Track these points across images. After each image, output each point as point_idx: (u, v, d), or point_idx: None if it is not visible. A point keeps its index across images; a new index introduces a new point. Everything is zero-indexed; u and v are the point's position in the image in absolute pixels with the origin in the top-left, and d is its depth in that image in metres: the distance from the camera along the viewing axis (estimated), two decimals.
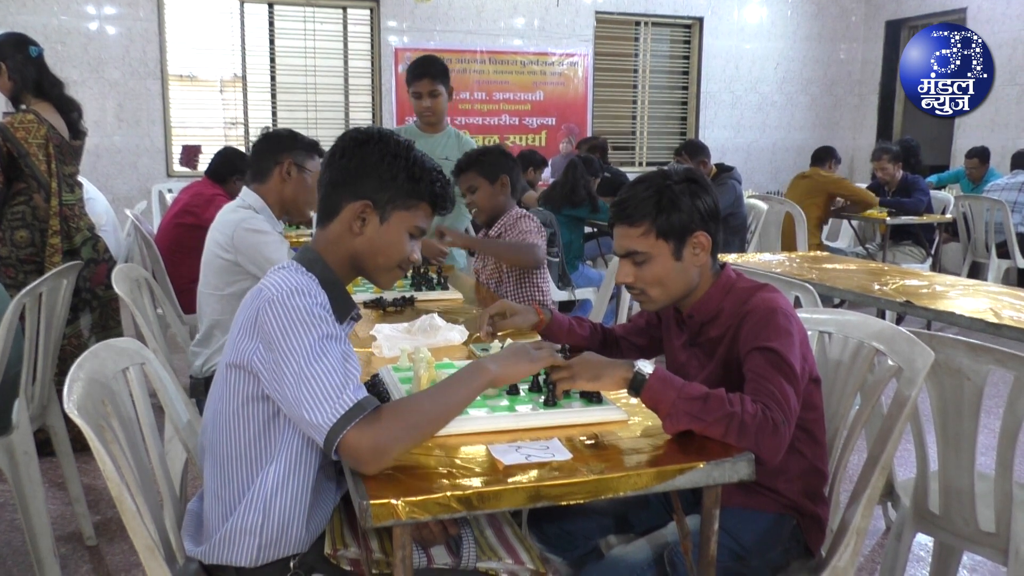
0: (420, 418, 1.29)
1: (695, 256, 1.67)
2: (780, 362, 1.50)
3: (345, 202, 1.46)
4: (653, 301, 1.71)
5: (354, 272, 1.52)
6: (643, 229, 1.65)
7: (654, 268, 1.66)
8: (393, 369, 1.79)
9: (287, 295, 1.32)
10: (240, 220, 2.47)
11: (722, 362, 1.67)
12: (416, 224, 1.49)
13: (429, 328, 2.17)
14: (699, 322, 1.73)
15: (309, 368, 1.26)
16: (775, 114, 9.24)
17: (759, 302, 1.61)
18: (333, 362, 1.28)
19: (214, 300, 2.55)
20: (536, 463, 1.31)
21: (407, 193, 1.46)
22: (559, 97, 8.32)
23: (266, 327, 1.31)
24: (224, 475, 1.43)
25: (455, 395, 1.35)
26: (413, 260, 1.51)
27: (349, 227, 1.47)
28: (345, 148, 1.47)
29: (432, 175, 1.48)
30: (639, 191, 1.67)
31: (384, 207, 1.46)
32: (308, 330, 1.29)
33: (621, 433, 1.47)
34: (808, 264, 3.75)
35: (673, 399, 1.42)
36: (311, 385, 1.25)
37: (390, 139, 1.47)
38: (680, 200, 1.64)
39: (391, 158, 1.45)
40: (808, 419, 1.64)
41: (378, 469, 1.24)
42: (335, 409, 1.24)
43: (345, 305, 1.49)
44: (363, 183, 1.45)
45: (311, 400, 1.25)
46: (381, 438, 1.23)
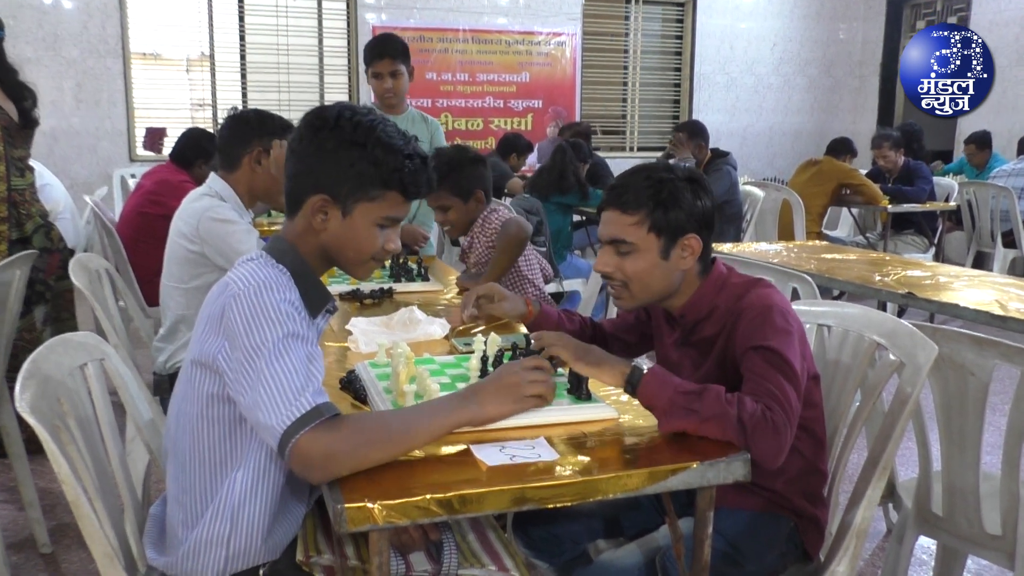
0: (382, 436, 1.25)
1: (682, 259, 1.67)
2: (779, 361, 1.50)
3: (305, 195, 1.43)
4: (630, 297, 1.71)
5: (327, 263, 1.50)
6: (637, 219, 1.64)
7: (638, 262, 1.66)
8: (370, 365, 1.78)
9: (254, 291, 1.31)
10: (206, 208, 2.44)
11: (718, 361, 1.67)
12: (385, 215, 1.44)
13: (408, 322, 2.16)
14: (692, 321, 1.73)
15: (269, 367, 1.24)
16: (772, 97, 9.27)
17: (754, 299, 1.61)
18: (295, 362, 1.25)
19: (179, 293, 2.52)
20: (521, 464, 1.30)
21: (370, 183, 1.40)
22: (546, 79, 8.31)
23: (231, 324, 1.29)
24: (187, 480, 1.41)
25: (427, 423, 1.31)
26: (389, 250, 1.48)
27: (312, 222, 1.44)
28: (302, 135, 1.42)
29: (399, 159, 1.41)
30: (639, 179, 1.66)
31: (345, 200, 1.41)
32: (272, 328, 1.27)
33: (611, 432, 1.46)
34: (806, 254, 3.76)
35: (670, 395, 1.42)
36: (269, 385, 1.23)
37: (349, 122, 1.39)
38: (681, 197, 1.64)
39: (347, 146, 1.39)
40: (808, 417, 1.65)
41: (324, 480, 1.22)
42: (290, 411, 1.21)
43: (319, 297, 1.47)
44: (320, 174, 1.41)
45: (267, 401, 1.22)
46: (336, 448, 1.20)
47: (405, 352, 1.64)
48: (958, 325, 2.04)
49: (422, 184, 1.46)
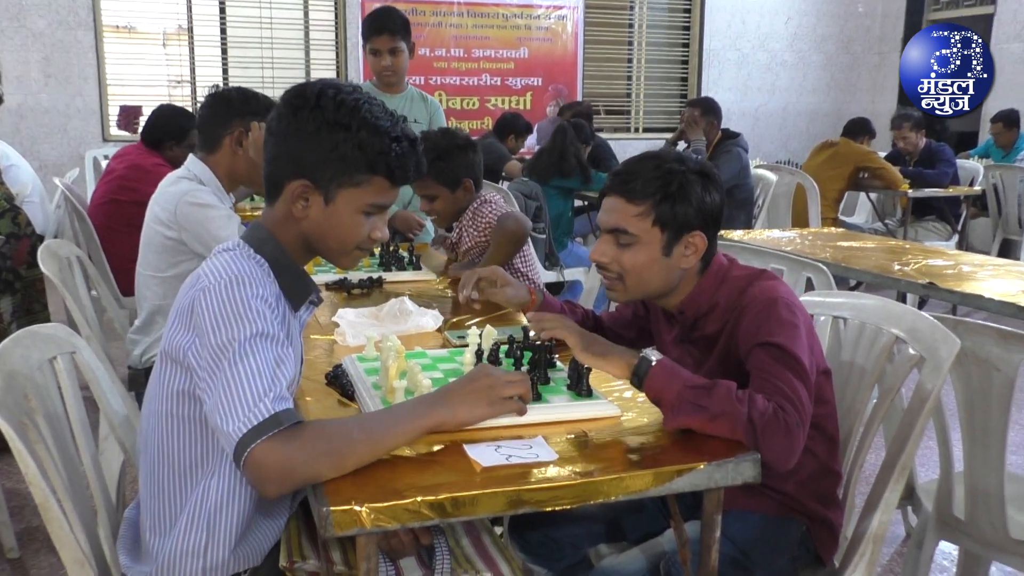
0: (343, 446, 1.23)
1: (684, 257, 1.66)
2: (787, 358, 1.50)
3: (285, 180, 1.41)
4: (624, 291, 1.70)
5: (309, 252, 1.49)
6: (642, 209, 1.63)
7: (638, 255, 1.65)
8: (358, 359, 1.78)
9: (224, 285, 1.29)
10: (183, 193, 2.43)
11: (721, 359, 1.67)
12: (371, 202, 1.42)
13: (399, 313, 2.16)
14: (691, 318, 1.72)
15: (232, 369, 1.23)
16: (786, 75, 9.24)
17: (757, 293, 1.61)
18: (259, 365, 1.24)
19: (155, 282, 2.52)
20: (518, 464, 1.30)
21: (353, 167, 1.38)
22: (546, 55, 8.28)
23: (199, 319, 1.29)
24: (155, 484, 1.40)
25: (391, 431, 1.29)
26: (375, 239, 1.46)
27: (292, 209, 1.42)
28: (281, 115, 1.40)
29: (385, 141, 1.38)
30: (648, 167, 1.65)
31: (327, 185, 1.39)
32: (240, 326, 1.26)
33: (613, 431, 1.46)
34: (821, 242, 3.76)
35: (678, 389, 1.43)
36: (229, 388, 1.22)
37: (331, 101, 1.37)
38: (691, 191, 1.63)
39: (329, 127, 1.36)
40: (819, 414, 1.65)
41: (278, 493, 1.21)
42: (247, 418, 1.20)
43: (302, 288, 1.46)
44: (301, 158, 1.39)
45: (226, 405, 1.21)
46: (293, 459, 1.19)
47: (395, 345, 1.64)
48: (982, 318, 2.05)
49: (410, 168, 1.44)
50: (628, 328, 1.99)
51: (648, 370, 1.46)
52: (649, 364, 1.47)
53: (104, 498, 1.60)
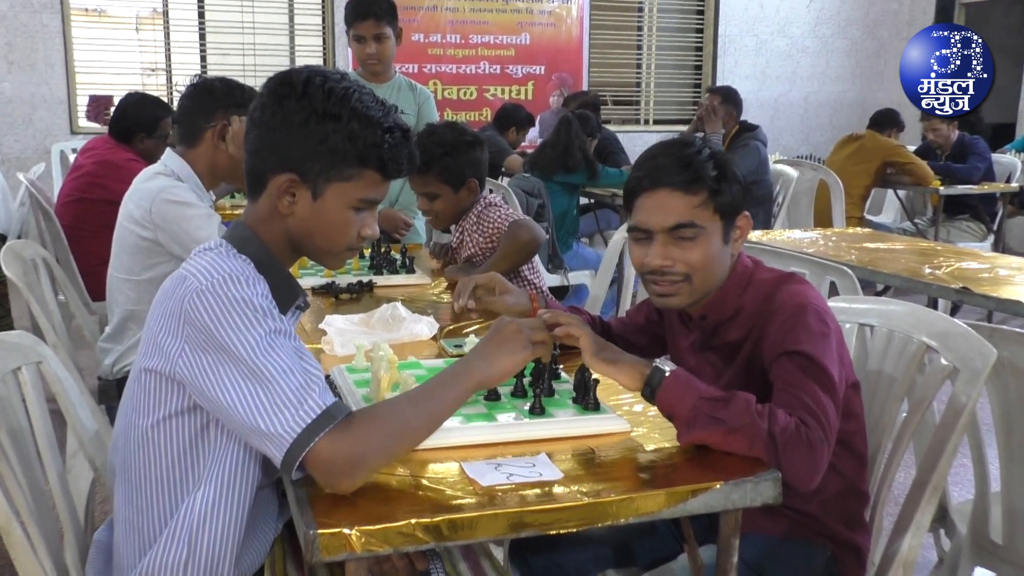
0: (401, 426, 1.29)
1: (735, 242, 1.69)
2: (815, 369, 1.50)
3: (270, 174, 1.43)
4: (690, 292, 1.68)
5: (295, 252, 1.50)
6: (702, 198, 1.63)
7: (704, 249, 1.64)
8: (347, 370, 1.78)
9: (220, 283, 1.31)
10: (160, 189, 2.44)
11: (744, 368, 1.67)
12: (361, 197, 1.44)
13: (391, 320, 2.16)
14: (713, 323, 1.73)
15: (260, 368, 1.26)
16: (807, 62, 9.26)
17: (786, 297, 1.62)
18: (287, 361, 1.28)
19: (128, 286, 2.52)
20: (520, 484, 1.30)
21: (343, 160, 1.40)
22: (549, 41, 8.29)
23: (197, 323, 1.29)
24: (141, 502, 1.41)
25: (441, 399, 1.35)
26: (365, 237, 1.48)
27: (277, 205, 1.44)
28: (265, 104, 1.42)
29: (377, 133, 1.41)
30: (687, 152, 1.65)
31: (316, 180, 1.41)
32: (253, 325, 1.29)
33: (622, 447, 1.47)
34: (846, 243, 3.77)
35: (693, 402, 1.43)
36: (266, 389, 1.25)
37: (319, 89, 1.39)
38: (732, 170, 1.66)
39: (318, 117, 1.38)
40: (847, 430, 1.65)
41: (354, 486, 1.26)
42: (299, 416, 1.24)
43: (288, 292, 1.47)
44: (287, 150, 1.40)
45: (269, 406, 1.24)
46: (359, 448, 1.24)
47: (387, 355, 1.64)
48: (1020, 325, 2.04)
49: (403, 161, 1.46)
50: (640, 335, 1.99)
51: (662, 381, 1.46)
52: (662, 375, 1.47)
53: (72, 520, 1.60)
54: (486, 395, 1.62)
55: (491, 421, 1.53)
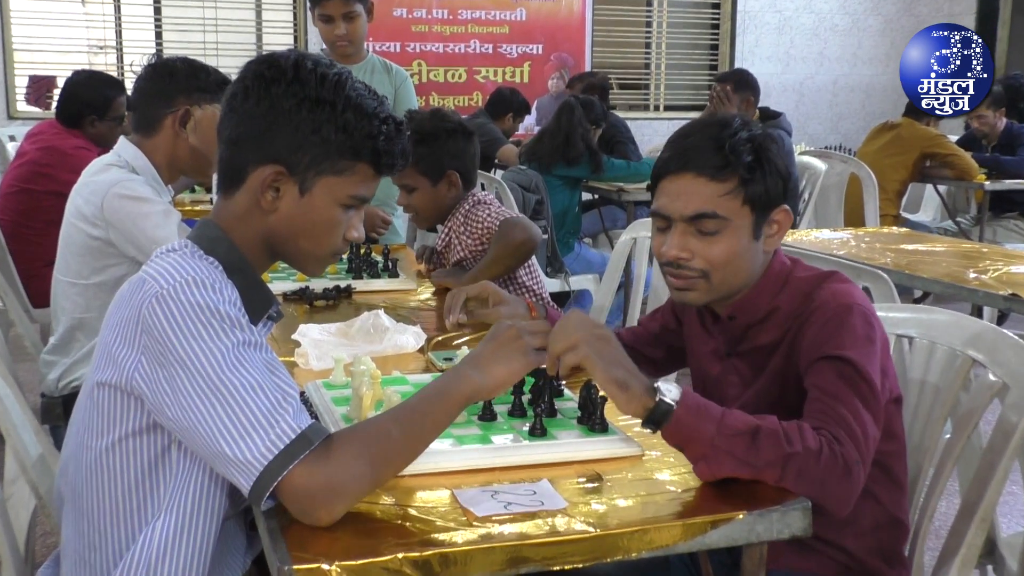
0: (386, 449, 1.29)
1: (770, 238, 1.69)
2: (856, 377, 1.51)
3: (251, 166, 1.44)
4: (708, 290, 1.69)
5: (270, 256, 1.51)
6: (731, 186, 1.64)
7: (728, 243, 1.65)
8: (324, 386, 1.78)
9: (183, 288, 1.31)
10: (112, 183, 2.44)
11: (776, 378, 1.68)
12: (352, 193, 1.46)
13: (373, 330, 2.16)
14: (743, 325, 1.74)
15: (226, 385, 1.26)
16: (837, 42, 9.28)
17: (828, 297, 1.63)
18: (258, 377, 1.28)
19: (76, 291, 2.52)
20: (519, 514, 1.30)
21: (337, 152, 1.43)
22: (548, 17, 8.30)
23: (155, 332, 1.29)
24: (93, 533, 1.41)
25: (429, 416, 1.35)
26: (350, 240, 1.50)
27: (258, 200, 1.44)
28: (248, 88, 1.43)
29: (374, 124, 1.43)
30: (722, 135, 1.65)
31: (304, 173, 1.43)
32: (219, 335, 1.28)
33: (634, 473, 1.47)
34: (881, 244, 3.78)
35: (711, 436, 1.39)
36: (232, 408, 1.25)
37: (312, 73, 1.42)
38: (776, 157, 1.66)
39: (311, 104, 1.40)
40: (886, 452, 1.65)
41: (333, 518, 1.25)
42: (269, 441, 1.23)
43: (260, 300, 1.48)
44: (273, 140, 1.42)
45: (234, 429, 1.24)
46: (338, 476, 1.24)
47: (369, 369, 1.64)
48: None
49: (397, 155, 1.48)
50: (654, 346, 2.00)
51: (668, 415, 1.40)
52: (669, 409, 1.40)
53: (12, 553, 1.60)
54: (480, 414, 1.62)
55: (486, 443, 1.53)
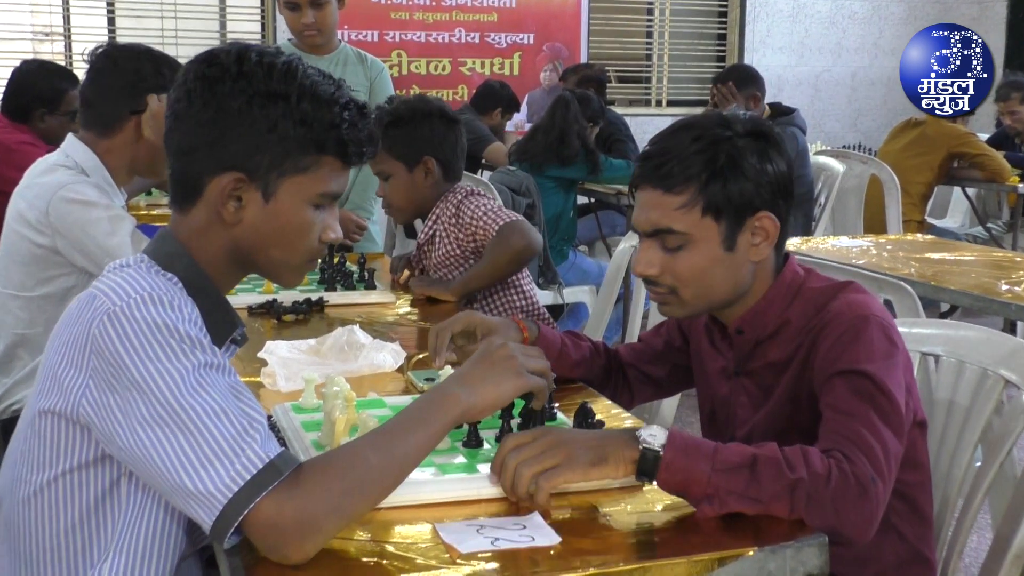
0: (363, 478, 1.29)
1: (753, 247, 1.70)
2: (873, 391, 1.52)
3: (207, 177, 1.43)
4: (682, 305, 1.73)
5: (238, 270, 1.51)
6: (685, 198, 1.66)
7: (693, 258, 1.68)
8: (293, 409, 1.78)
9: (137, 305, 1.30)
10: (59, 185, 2.43)
11: (788, 398, 1.69)
12: (321, 191, 1.46)
13: (347, 347, 2.16)
14: (752, 340, 1.75)
15: (186, 410, 1.25)
16: (856, 31, 9.32)
17: (843, 307, 1.64)
18: (222, 402, 1.27)
19: (18, 304, 2.51)
20: (507, 551, 1.30)
21: (298, 148, 1.42)
22: (540, 4, 8.32)
23: (107, 353, 1.29)
24: None
25: (411, 441, 1.34)
26: (327, 241, 1.50)
27: (219, 212, 1.44)
28: (191, 92, 1.42)
29: (334, 111, 1.43)
30: (684, 140, 1.68)
31: (266, 176, 1.42)
32: (176, 355, 1.28)
33: (632, 505, 1.47)
34: (904, 253, 3.79)
35: (707, 475, 1.40)
36: (192, 436, 1.24)
37: (258, 65, 1.40)
38: (745, 161, 1.66)
39: (262, 99, 1.40)
40: (910, 482, 1.66)
41: (306, 555, 1.24)
42: (234, 471, 1.22)
43: (224, 321, 1.47)
44: (227, 145, 1.41)
45: (195, 458, 1.23)
46: (311, 508, 1.23)
47: (343, 390, 1.64)
48: None
49: (364, 141, 1.48)
50: (657, 364, 2.01)
51: (657, 462, 1.41)
52: (656, 455, 1.41)
53: None
54: (465, 439, 1.62)
55: (471, 473, 1.53)
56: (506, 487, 1.43)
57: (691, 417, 4.29)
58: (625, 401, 2.03)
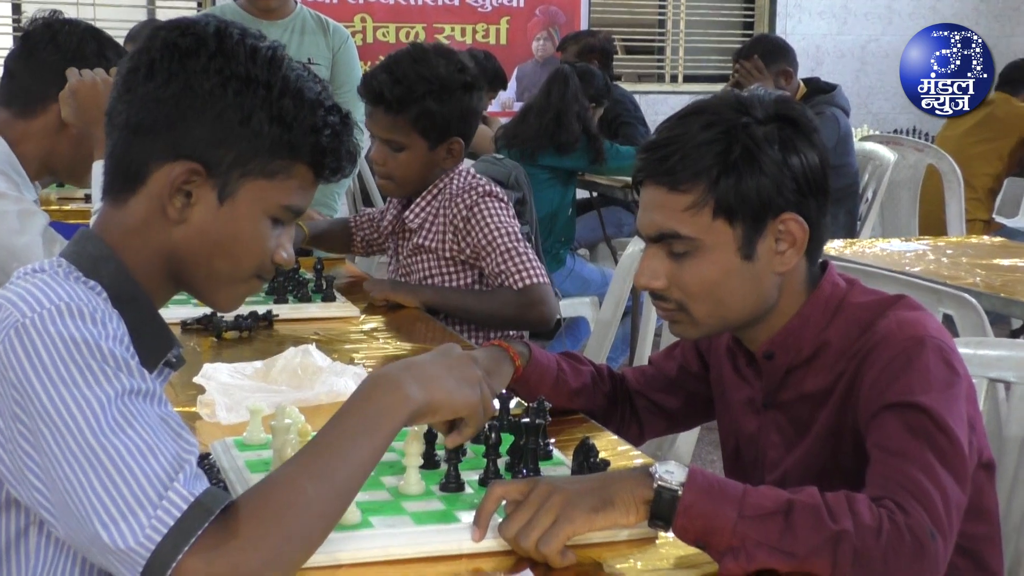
0: (305, 515, 1.27)
1: (777, 256, 1.69)
2: (930, 428, 1.51)
3: (154, 163, 1.43)
4: (694, 324, 1.73)
5: (171, 283, 1.50)
6: (693, 197, 1.66)
7: (702, 267, 1.68)
8: (236, 445, 1.78)
9: (52, 317, 1.29)
10: None
11: (827, 435, 1.69)
12: (285, 203, 1.46)
13: (301, 371, 2.16)
14: (784, 366, 1.75)
15: (105, 448, 1.23)
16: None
17: (893, 328, 1.63)
18: (150, 436, 1.25)
19: None
20: None
21: (270, 148, 1.42)
22: None
23: (13, 374, 1.28)
24: None
25: (354, 457, 1.33)
26: (278, 262, 1.49)
27: (162, 207, 1.43)
28: (154, 63, 1.42)
29: (317, 113, 1.44)
30: (693, 128, 1.67)
31: (226, 174, 1.42)
32: (97, 380, 1.27)
33: (644, 561, 1.47)
34: (968, 258, 3.79)
35: (732, 522, 1.40)
36: (112, 479, 1.22)
37: (240, 45, 1.42)
38: (763, 152, 1.65)
39: (240, 84, 1.40)
40: (975, 534, 1.66)
41: None
42: (156, 517, 1.21)
43: (157, 340, 1.47)
44: (188, 130, 1.41)
45: (113, 507, 1.21)
46: (246, 565, 1.22)
47: (296, 423, 1.64)
48: None
49: (343, 157, 1.49)
50: (670, 393, 2.00)
51: (674, 504, 1.42)
52: (673, 497, 1.42)
53: None
54: (443, 482, 1.62)
55: (451, 522, 1.53)
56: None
57: (713, 455, 4.31)
58: (633, 435, 2.03)
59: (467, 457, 1.72)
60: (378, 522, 1.50)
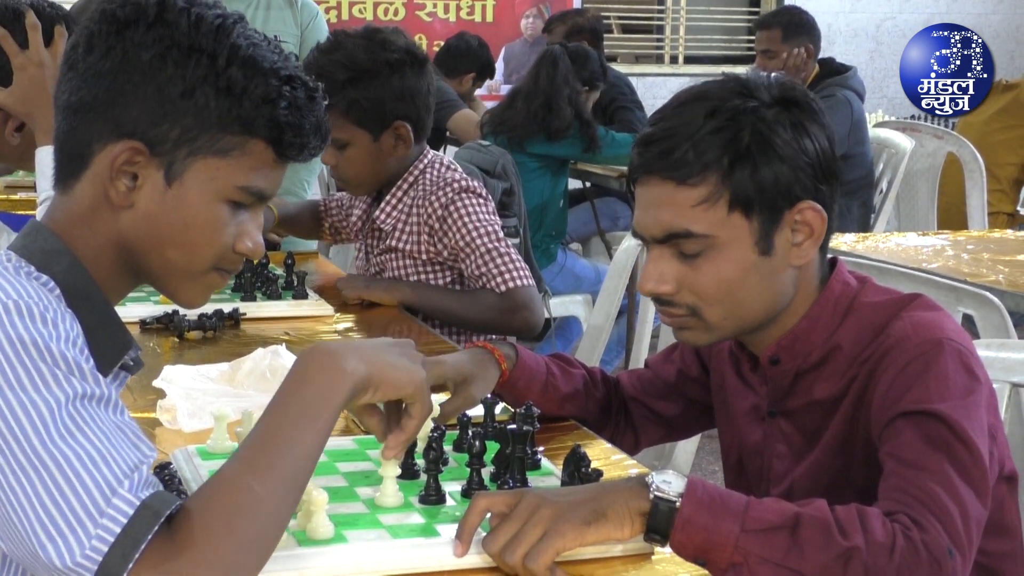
0: (256, 518, 1.27)
1: (795, 248, 1.69)
2: (949, 438, 1.52)
3: (96, 143, 1.42)
4: (708, 329, 1.72)
5: (128, 275, 1.50)
6: (705, 191, 1.65)
7: (719, 267, 1.67)
8: (199, 454, 1.78)
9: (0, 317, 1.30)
10: None
11: (838, 445, 1.69)
12: (242, 183, 1.44)
13: (270, 374, 2.15)
14: (791, 371, 1.75)
15: (53, 456, 1.23)
16: None
17: (908, 330, 1.64)
18: (103, 443, 1.25)
19: None
20: None
21: (218, 123, 1.41)
22: None
23: None
24: None
25: (298, 447, 1.32)
26: (242, 252, 1.48)
27: (107, 192, 1.43)
28: (92, 36, 1.42)
29: (271, 83, 1.42)
30: (696, 116, 1.67)
31: (172, 152, 1.41)
32: (47, 383, 1.26)
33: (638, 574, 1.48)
34: (990, 254, 3.79)
35: (734, 537, 1.40)
36: (60, 491, 1.22)
37: (183, 13, 1.40)
38: (777, 136, 1.65)
39: (182, 55, 1.39)
40: (995, 553, 1.67)
41: None
42: (103, 527, 1.20)
43: (113, 340, 1.46)
44: (127, 106, 1.40)
45: (60, 520, 1.21)
46: (202, 569, 1.22)
47: None
48: None
49: (307, 132, 1.47)
50: (667, 399, 2.00)
51: (671, 516, 1.43)
52: (671, 509, 1.43)
53: None
54: (423, 494, 1.63)
55: (431, 536, 1.53)
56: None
57: (714, 465, 4.31)
58: (628, 444, 2.04)
59: (449, 467, 1.73)
60: (353, 536, 1.50)
